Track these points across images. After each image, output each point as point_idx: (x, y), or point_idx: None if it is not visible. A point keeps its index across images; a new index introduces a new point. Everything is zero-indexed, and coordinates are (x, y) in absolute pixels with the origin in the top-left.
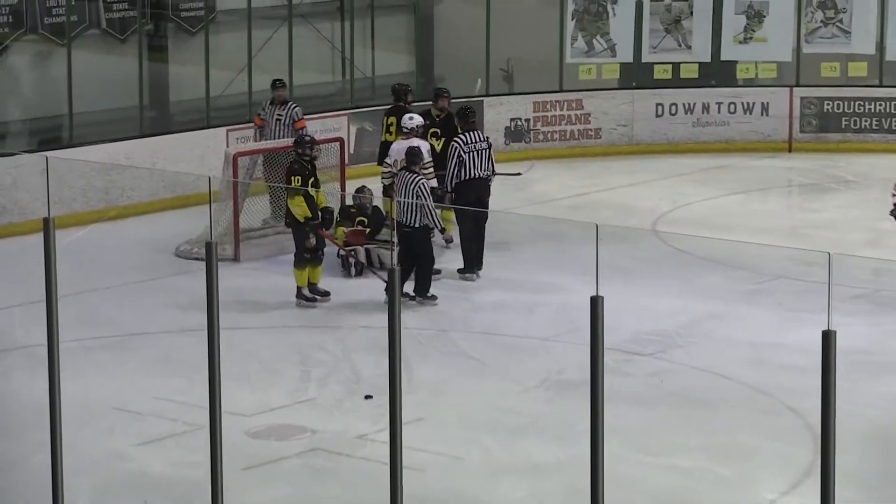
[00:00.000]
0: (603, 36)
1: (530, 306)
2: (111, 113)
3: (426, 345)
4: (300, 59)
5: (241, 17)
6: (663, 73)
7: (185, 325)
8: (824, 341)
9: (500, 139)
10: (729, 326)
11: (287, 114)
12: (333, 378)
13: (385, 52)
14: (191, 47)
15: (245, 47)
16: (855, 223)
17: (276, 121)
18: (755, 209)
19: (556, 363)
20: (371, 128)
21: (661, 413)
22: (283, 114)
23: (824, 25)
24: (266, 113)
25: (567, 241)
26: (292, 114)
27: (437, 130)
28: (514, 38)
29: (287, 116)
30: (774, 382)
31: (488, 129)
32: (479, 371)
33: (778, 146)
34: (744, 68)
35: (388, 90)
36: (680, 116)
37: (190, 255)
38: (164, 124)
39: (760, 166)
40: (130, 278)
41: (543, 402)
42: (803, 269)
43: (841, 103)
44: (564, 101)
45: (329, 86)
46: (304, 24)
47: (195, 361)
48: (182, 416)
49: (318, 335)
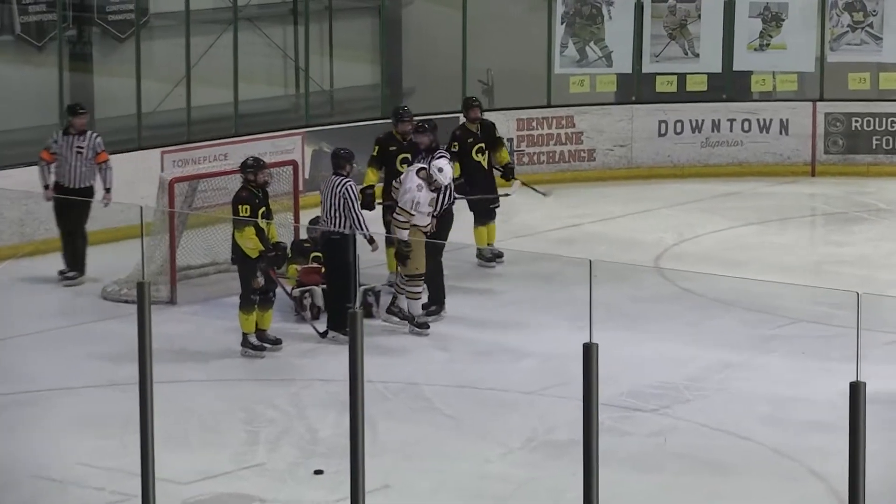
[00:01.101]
0: (597, 43)
1: (514, 355)
2: (26, 132)
3: (393, 400)
4: (247, 70)
5: (177, 21)
6: (667, 85)
7: (113, 377)
8: (852, 394)
9: None
10: (743, 378)
11: (88, 145)
12: (285, 439)
13: (345, 62)
14: (119, 56)
15: (183, 56)
16: (887, 258)
17: (75, 154)
18: (773, 242)
19: (543, 421)
20: (329, 149)
21: (664, 479)
22: (83, 145)
23: (852, 31)
24: (59, 145)
25: (556, 279)
26: (94, 144)
27: (406, 156)
28: (495, 45)
29: (89, 149)
30: (796, 443)
31: None
32: (455, 430)
33: (799, 169)
34: (759, 80)
35: (348, 105)
36: (686, 135)
37: (119, 298)
38: None
39: (779, 193)
40: (49, 324)
41: (529, 466)
42: (828, 312)
43: (871, 120)
44: (553, 118)
45: (281, 100)
46: (251, 30)
47: (125, 420)
48: (110, 485)
49: (268, 389)
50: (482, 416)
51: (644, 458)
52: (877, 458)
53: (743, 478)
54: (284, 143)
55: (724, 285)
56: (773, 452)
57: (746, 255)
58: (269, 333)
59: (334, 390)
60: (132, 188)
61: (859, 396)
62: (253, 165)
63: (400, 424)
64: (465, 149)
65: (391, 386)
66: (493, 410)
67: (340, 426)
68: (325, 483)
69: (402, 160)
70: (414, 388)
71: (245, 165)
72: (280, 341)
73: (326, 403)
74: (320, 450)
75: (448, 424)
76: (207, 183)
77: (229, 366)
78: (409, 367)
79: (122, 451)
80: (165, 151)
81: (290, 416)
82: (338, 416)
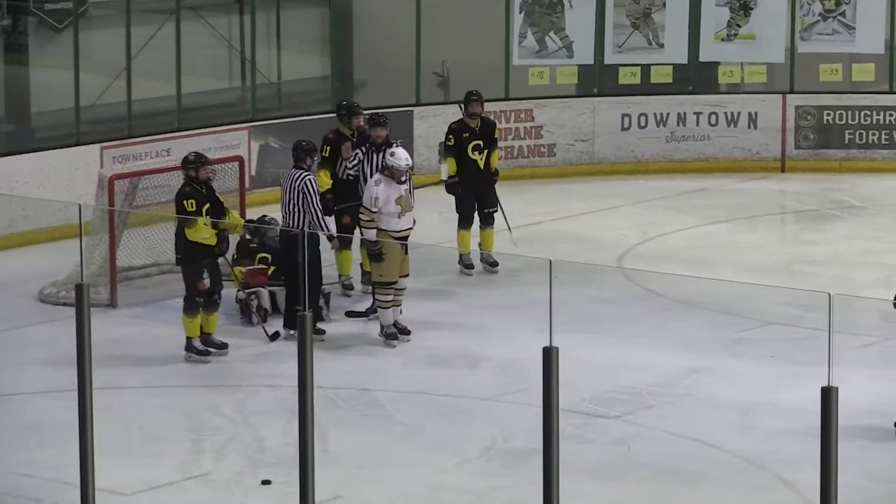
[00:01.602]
0: (557, 32)
1: (471, 360)
2: None
3: (345, 407)
4: (191, 62)
5: (117, 11)
6: (630, 77)
7: (51, 384)
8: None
9: (434, 157)
10: (710, 383)
11: None
12: (231, 448)
13: (294, 53)
14: (57, 47)
15: (123, 47)
16: (861, 258)
17: None
18: (741, 241)
19: (502, 429)
20: (277, 144)
21: (628, 488)
22: None
23: (823, 20)
24: None
25: (515, 281)
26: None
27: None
28: (451, 35)
29: None
30: (766, 450)
31: (419, 145)
32: (410, 439)
33: (769, 165)
34: (727, 71)
35: (296, 98)
36: (650, 130)
37: (57, 300)
38: (23, 141)
39: (747, 189)
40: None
41: (487, 475)
42: (799, 314)
43: (844, 113)
44: (511, 112)
45: (226, 93)
46: (195, 20)
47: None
48: (49, 496)
49: (213, 396)
50: (438, 424)
51: (607, 467)
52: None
53: (710, 487)
54: (230, 137)
55: (690, 286)
56: (741, 460)
57: (713, 254)
58: (214, 337)
59: (283, 396)
60: (70, 185)
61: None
62: (194, 161)
63: (351, 432)
64: (460, 144)
65: (342, 392)
66: (450, 418)
67: (289, 434)
68: (272, 494)
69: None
70: (366, 395)
71: (186, 161)
72: (226, 345)
73: (275, 410)
74: (268, 459)
75: (402, 432)
76: (149, 180)
77: (173, 371)
78: (362, 373)
79: (61, 460)
80: (105, 147)
81: (236, 423)
82: (286, 424)
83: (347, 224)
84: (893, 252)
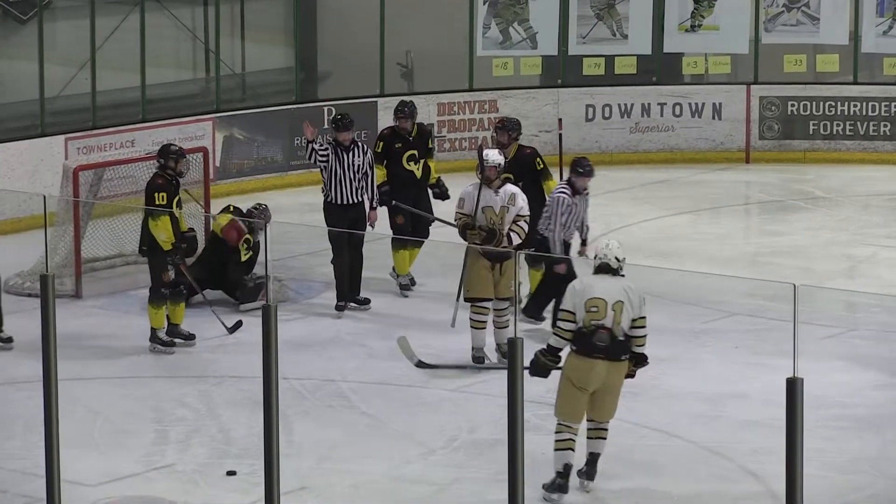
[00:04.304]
0: (521, 23)
1: (436, 351)
2: None
3: (309, 398)
4: (155, 53)
5: (82, 2)
6: (594, 68)
7: (14, 375)
8: (789, 391)
9: None
10: (674, 374)
11: None
12: (196, 439)
13: (258, 45)
14: (21, 38)
15: (87, 38)
16: (826, 249)
17: None
18: (706, 232)
19: (466, 419)
20: (241, 135)
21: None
22: None
23: (787, 11)
24: None
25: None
26: None
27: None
28: (415, 26)
29: None
30: (731, 441)
31: None
32: (374, 430)
33: (733, 156)
34: (691, 62)
35: (261, 89)
36: (615, 121)
37: (21, 291)
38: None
39: (712, 180)
40: None
41: (452, 466)
42: (764, 305)
43: (808, 104)
44: (475, 103)
45: (190, 84)
46: (159, 11)
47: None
48: (14, 487)
49: (178, 387)
50: (402, 415)
51: None
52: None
53: (675, 479)
54: (194, 129)
55: (654, 277)
56: (706, 451)
57: (678, 245)
58: (182, 328)
59: (247, 388)
60: (34, 176)
61: (796, 393)
62: (176, 153)
63: (316, 424)
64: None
65: (307, 383)
66: (414, 409)
67: (254, 425)
68: (238, 485)
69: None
70: (331, 386)
71: (168, 151)
72: (193, 336)
73: (239, 402)
74: (233, 450)
75: (367, 424)
76: (113, 171)
77: (137, 362)
78: (326, 364)
79: (25, 451)
80: (69, 138)
81: (201, 414)
82: (251, 415)
83: (401, 224)
84: (858, 243)
